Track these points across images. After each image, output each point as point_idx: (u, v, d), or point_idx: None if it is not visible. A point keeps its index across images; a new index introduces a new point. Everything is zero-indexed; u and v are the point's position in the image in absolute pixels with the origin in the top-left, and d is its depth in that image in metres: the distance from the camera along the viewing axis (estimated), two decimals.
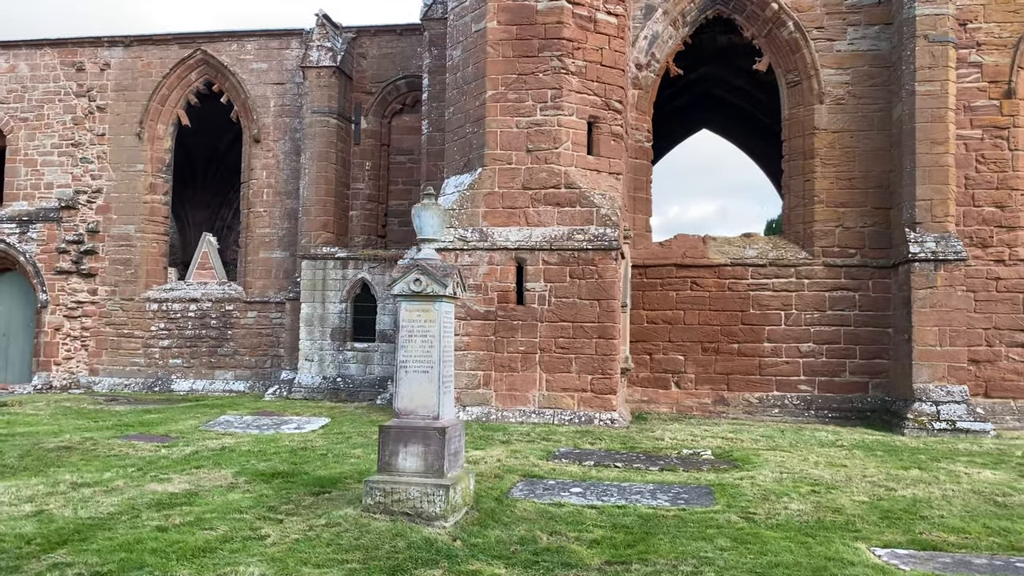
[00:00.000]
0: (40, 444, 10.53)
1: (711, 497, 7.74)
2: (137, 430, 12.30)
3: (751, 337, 15.73)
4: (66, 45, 21.53)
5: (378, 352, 17.79)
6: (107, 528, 6.11)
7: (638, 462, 9.81)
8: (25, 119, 21.51)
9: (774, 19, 16.06)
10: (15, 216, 21.09)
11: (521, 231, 14.02)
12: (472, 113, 14.74)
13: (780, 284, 15.70)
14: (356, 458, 9.49)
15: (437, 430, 6.53)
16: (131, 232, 20.91)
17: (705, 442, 11.55)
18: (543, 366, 13.67)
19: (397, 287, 6.72)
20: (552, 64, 14.20)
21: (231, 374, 20.21)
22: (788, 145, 16.36)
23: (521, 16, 14.37)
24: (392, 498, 6.42)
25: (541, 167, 14.11)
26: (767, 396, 15.55)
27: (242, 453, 9.92)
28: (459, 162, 15.04)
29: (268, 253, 20.29)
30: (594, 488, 8.16)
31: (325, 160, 19.17)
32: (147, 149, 21.04)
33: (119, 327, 20.77)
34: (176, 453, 9.95)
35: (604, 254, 13.67)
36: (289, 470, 8.60)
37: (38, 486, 7.47)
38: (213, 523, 6.26)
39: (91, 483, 7.68)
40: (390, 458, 6.56)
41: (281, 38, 20.57)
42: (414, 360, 6.66)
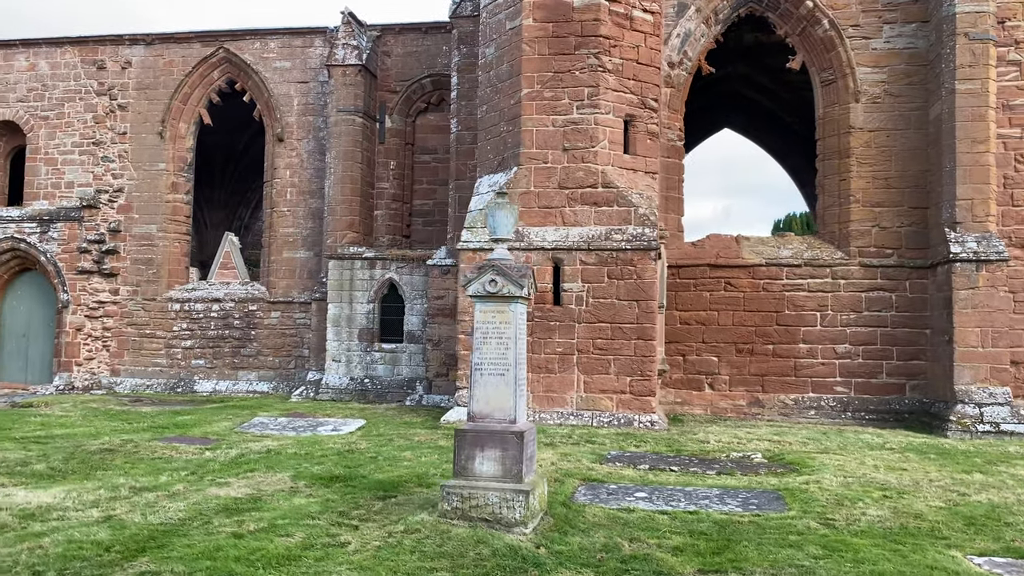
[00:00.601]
0: (82, 446, 10.38)
1: (782, 502, 7.58)
2: (173, 432, 12.15)
3: (786, 338, 15.56)
4: (87, 43, 21.38)
5: (406, 353, 17.64)
6: (181, 535, 5.95)
7: (693, 465, 9.65)
8: (46, 118, 21.36)
9: (808, 17, 15.89)
10: (36, 215, 20.95)
11: (558, 231, 13.87)
12: (507, 112, 14.58)
13: (816, 284, 15.53)
14: (408, 462, 9.34)
15: (515, 434, 6.37)
16: (153, 232, 20.75)
17: (752, 445, 11.39)
18: (581, 367, 13.51)
19: (472, 288, 6.56)
20: (589, 62, 14.05)
21: (254, 375, 20.06)
22: (822, 144, 16.18)
23: (557, 13, 14.21)
24: (470, 504, 6.26)
25: (578, 166, 13.96)
26: (803, 398, 15.39)
27: (289, 456, 9.77)
28: (492, 161, 14.89)
29: (292, 253, 20.13)
30: (659, 493, 8.00)
31: (351, 159, 19.01)
32: (169, 148, 20.89)
33: (141, 327, 20.62)
34: (222, 456, 9.80)
35: (643, 254, 13.51)
36: (345, 474, 8.44)
37: (98, 490, 7.31)
38: (288, 529, 6.11)
39: (150, 487, 7.52)
40: (466, 462, 6.40)
41: (304, 36, 20.42)
42: (489, 363, 6.50)
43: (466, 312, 13.99)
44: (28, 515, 6.32)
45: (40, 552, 5.36)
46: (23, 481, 7.92)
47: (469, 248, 14.09)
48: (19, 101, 21.54)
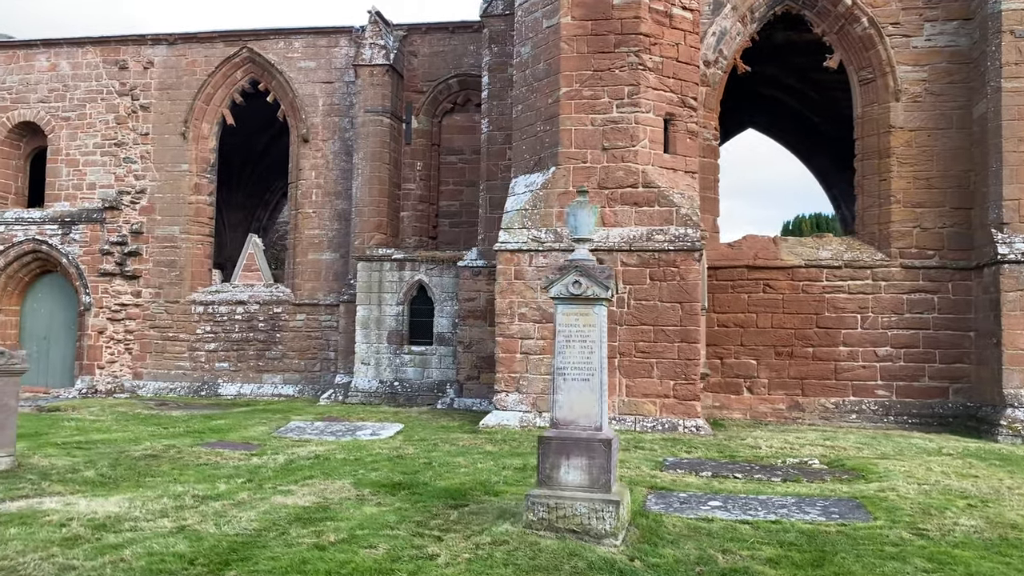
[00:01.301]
0: (125, 452, 10.16)
1: (863, 511, 7.33)
2: (212, 437, 11.92)
3: (826, 341, 15.31)
4: (109, 43, 21.20)
5: (436, 355, 17.41)
6: (261, 546, 5.72)
7: (755, 472, 9.41)
8: (67, 118, 21.17)
9: (847, 15, 15.66)
10: (57, 217, 20.75)
11: (598, 231, 13.61)
12: (544, 111, 14.35)
13: (856, 286, 15.29)
14: (464, 468, 9.10)
15: (602, 442, 6.14)
16: (176, 233, 20.55)
17: (805, 450, 11.15)
18: (623, 371, 13.27)
19: (554, 289, 6.33)
20: (629, 60, 13.82)
21: (279, 378, 19.83)
22: (861, 144, 15.94)
23: (596, 11, 14.00)
24: (557, 514, 6.02)
25: (618, 166, 13.73)
26: (843, 401, 15.14)
27: (340, 462, 9.53)
28: (529, 161, 14.66)
29: (317, 255, 19.91)
30: (733, 501, 7.76)
31: (378, 160, 18.80)
32: (192, 149, 20.69)
33: (164, 330, 20.41)
34: (270, 462, 9.56)
35: (686, 255, 13.28)
36: (406, 481, 8.20)
37: (161, 499, 7.07)
38: (371, 540, 5.87)
39: (213, 496, 7.28)
40: (551, 471, 6.17)
41: (330, 36, 20.22)
42: (572, 367, 6.26)
43: (504, 314, 13.78)
44: (99, 526, 6.09)
45: (124, 566, 5.13)
46: (78, 489, 7.69)
47: (507, 249, 13.87)
48: (40, 102, 21.35)
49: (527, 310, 13.66)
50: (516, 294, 13.74)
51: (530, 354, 13.59)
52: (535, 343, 13.57)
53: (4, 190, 21.62)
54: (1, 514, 6.50)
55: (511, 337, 13.70)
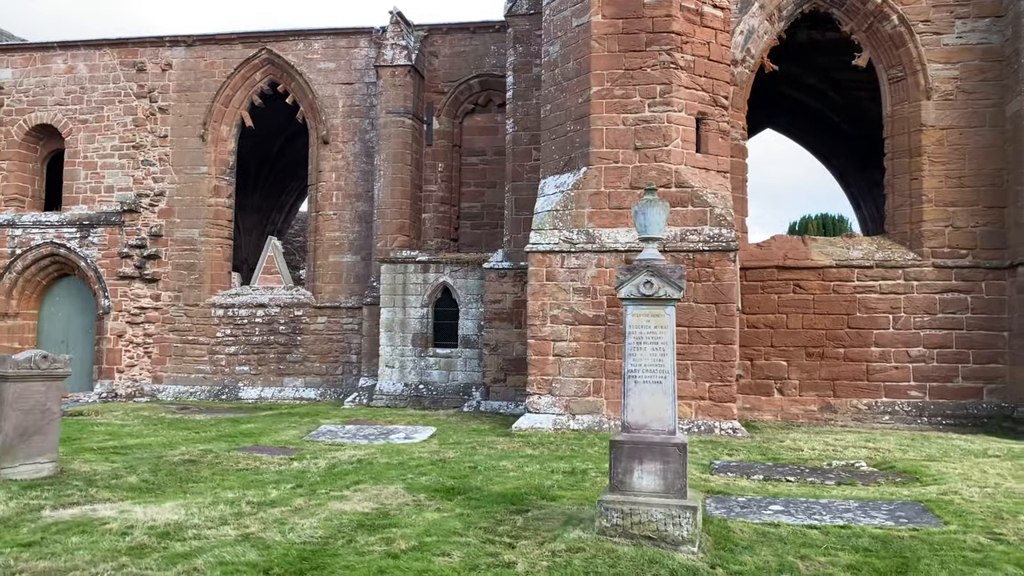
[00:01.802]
0: (162, 457, 10.02)
1: (932, 515, 7.18)
2: (245, 441, 11.77)
3: (858, 341, 15.16)
4: (126, 45, 21.08)
5: (461, 358, 17.26)
6: (332, 554, 5.57)
7: (807, 475, 9.25)
8: (84, 121, 21.04)
9: (876, 13, 15.52)
10: (75, 220, 20.62)
11: (630, 232, 13.48)
12: (574, 110, 14.21)
13: (888, 286, 15.13)
14: (512, 472, 8.95)
15: (676, 446, 5.99)
16: (195, 236, 20.41)
17: (849, 452, 10.99)
18: None
19: (625, 290, 6.18)
20: (661, 59, 13.68)
21: (300, 381, 19.69)
22: (891, 143, 15.78)
23: (627, 9, 13.86)
24: (631, 520, 5.87)
25: (650, 165, 13.58)
26: (876, 402, 14.98)
27: (384, 466, 9.38)
28: (558, 161, 14.52)
29: (338, 257, 19.77)
30: (795, 505, 7.61)
31: (400, 162, 18.66)
32: (211, 151, 20.56)
33: (183, 333, 20.27)
34: (312, 466, 9.41)
35: (721, 255, 13.14)
36: (456, 485, 8.06)
37: (216, 505, 6.92)
38: (442, 548, 5.72)
39: (268, 502, 7.13)
40: (623, 476, 6.02)
41: (349, 36, 20.09)
42: (644, 370, 6.12)
43: (535, 316, 13.63)
44: (163, 534, 5.94)
45: None
46: (126, 495, 7.54)
47: (538, 251, 13.72)
48: (57, 104, 21.24)
49: (559, 312, 13.51)
50: (548, 296, 13.59)
51: (563, 356, 13.44)
52: (567, 345, 13.42)
53: (21, 193, 21.50)
54: (57, 522, 6.36)
55: (543, 339, 13.55)
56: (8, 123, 21.38)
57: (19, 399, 7.94)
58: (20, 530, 6.08)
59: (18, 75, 21.49)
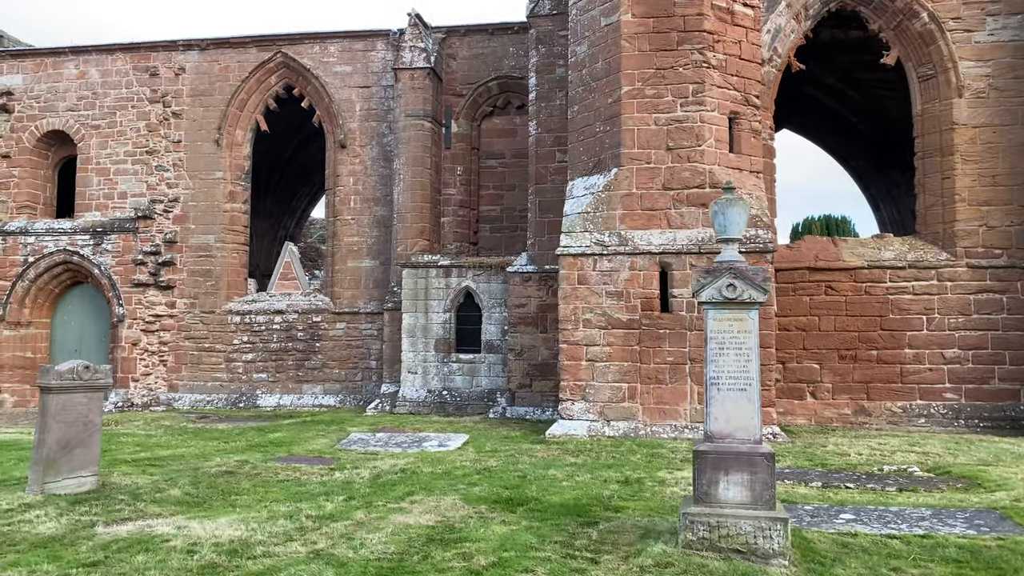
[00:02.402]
0: (199, 469, 9.76)
1: (1011, 523, 6.95)
2: (277, 451, 11.52)
3: (891, 343, 14.94)
4: (139, 50, 20.84)
5: (485, 363, 17.02)
6: (411, 571, 5.32)
7: (867, 481, 9.03)
8: (97, 126, 20.79)
9: (905, 10, 15.34)
10: (89, 227, 20.36)
11: (663, 234, 13.26)
12: (603, 111, 14.00)
13: (921, 287, 14.92)
14: (564, 481, 8.70)
15: (764, 456, 5.75)
16: (211, 242, 20.15)
17: (897, 457, 10.76)
18: (694, 378, 12.88)
19: (706, 293, 5.95)
20: (693, 58, 13.48)
21: (319, 388, 19.43)
22: (922, 142, 15.58)
23: (658, 8, 13.66)
24: (719, 533, 5.63)
25: (683, 166, 13.37)
26: (911, 405, 14.76)
27: (429, 476, 9.13)
28: (587, 163, 14.29)
29: (356, 262, 19.52)
30: (865, 513, 7.37)
31: (420, 165, 18.43)
32: (226, 156, 20.32)
33: (199, 341, 20.00)
34: (357, 477, 9.16)
35: (759, 257, 12.91)
36: (513, 496, 7.81)
37: (276, 520, 6.66)
38: (523, 564, 5.48)
39: (326, 515, 6.87)
40: (708, 487, 5.78)
41: (366, 39, 19.87)
42: (727, 376, 5.88)
43: (567, 320, 13.39)
44: (231, 551, 5.68)
45: None
46: (176, 509, 7.28)
47: (570, 253, 13.49)
48: (69, 110, 20.98)
49: (592, 316, 13.28)
50: (580, 299, 13.36)
51: (596, 361, 13.20)
52: (601, 350, 13.19)
53: (33, 200, 21.24)
54: (116, 539, 6.10)
55: (576, 344, 13.31)
56: (19, 129, 21.12)
57: (62, 411, 7.69)
58: (79, 548, 5.82)
59: (29, 81, 21.24)
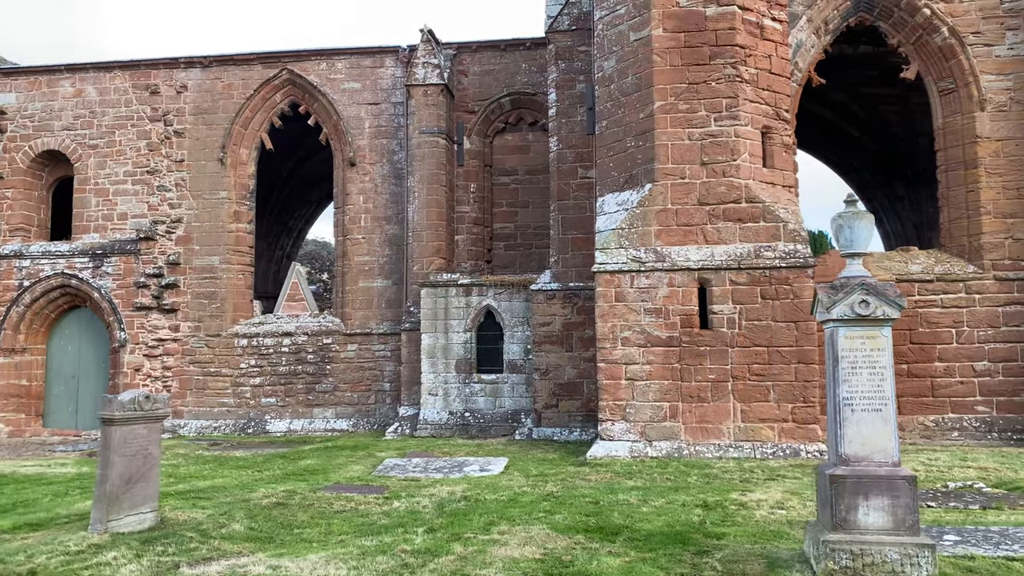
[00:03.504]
0: (248, 501, 9.31)
1: None
2: (315, 479, 11.08)
3: (921, 357, 14.88)
4: (138, 67, 20.35)
5: (507, 384, 16.67)
6: None
7: (946, 500, 8.83)
8: (95, 146, 20.22)
9: (925, 25, 15.42)
10: (88, 249, 19.73)
11: (701, 250, 13.08)
12: (634, 126, 13.83)
13: (949, 300, 14.90)
14: (643, 507, 8.39)
15: (905, 479, 5.51)
16: (215, 264, 19.62)
17: (956, 473, 10.62)
18: (737, 395, 12.66)
19: (837, 310, 5.71)
20: (726, 72, 13.37)
21: (331, 412, 18.92)
22: (944, 155, 15.63)
23: (689, 23, 13.55)
24: (863, 561, 5.37)
25: (719, 181, 13.22)
26: (943, 419, 14.68)
27: (495, 503, 8.77)
28: (617, 178, 14.09)
29: (368, 282, 19.10)
30: (968, 534, 7.15)
31: (436, 183, 18.13)
32: (230, 175, 19.85)
33: (205, 365, 19.40)
34: (419, 506, 8.77)
35: (799, 272, 12.78)
36: (603, 524, 7.48)
37: (374, 557, 6.24)
38: None
39: (423, 551, 6.47)
40: (847, 513, 5.52)
41: (374, 56, 19.57)
42: (862, 397, 5.64)
43: (605, 339, 13.12)
44: None
45: None
46: (251, 547, 6.85)
47: (606, 271, 13.24)
48: (65, 129, 20.39)
49: (630, 334, 13.02)
50: (618, 317, 13.10)
51: (636, 380, 12.93)
52: (640, 368, 12.92)
53: (27, 222, 20.56)
54: None
55: (614, 363, 13.04)
56: (12, 149, 20.47)
57: (124, 444, 7.23)
58: None
59: (22, 99, 20.63)
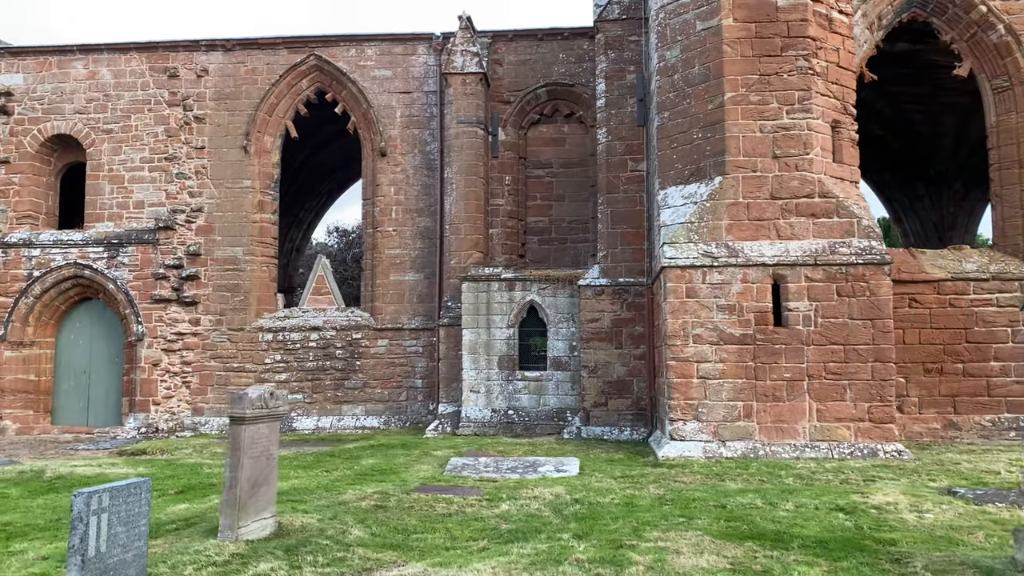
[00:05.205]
0: (344, 504, 8.78)
1: None
2: (393, 479, 10.55)
3: (976, 356, 14.75)
4: (156, 49, 19.51)
5: (552, 381, 16.24)
6: None
7: None
8: (109, 131, 19.34)
9: (980, 22, 15.31)
10: (102, 238, 18.87)
11: (774, 245, 12.77)
12: (702, 117, 13.47)
13: (1005, 299, 14.80)
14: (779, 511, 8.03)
15: None
16: (239, 255, 18.88)
17: None
18: (812, 394, 12.38)
19: None
20: (798, 64, 13.09)
21: (360, 409, 18.32)
22: (997, 153, 15.54)
23: (760, 13, 13.24)
24: None
25: (792, 175, 12.93)
26: (999, 419, 14.57)
27: (611, 507, 8.36)
28: (682, 171, 13.74)
29: (399, 276, 18.52)
30: None
31: (474, 174, 17.62)
32: (254, 163, 19.12)
33: (227, 361, 18.66)
34: (533, 509, 8.31)
35: (876, 269, 12.54)
36: (758, 530, 7.09)
37: (545, 566, 5.78)
38: None
39: (597, 560, 6.01)
40: None
41: (406, 43, 18.98)
42: None
43: (676, 336, 12.75)
44: None
45: None
46: (396, 555, 6.34)
47: (677, 265, 12.86)
48: (77, 112, 19.48)
49: (702, 331, 12.67)
50: (689, 314, 12.74)
51: (708, 379, 12.58)
52: (713, 367, 12.58)
53: (34, 209, 19.61)
54: None
55: (686, 361, 12.67)
56: (20, 133, 19.50)
57: (251, 445, 6.66)
58: None
59: (31, 81, 19.66)
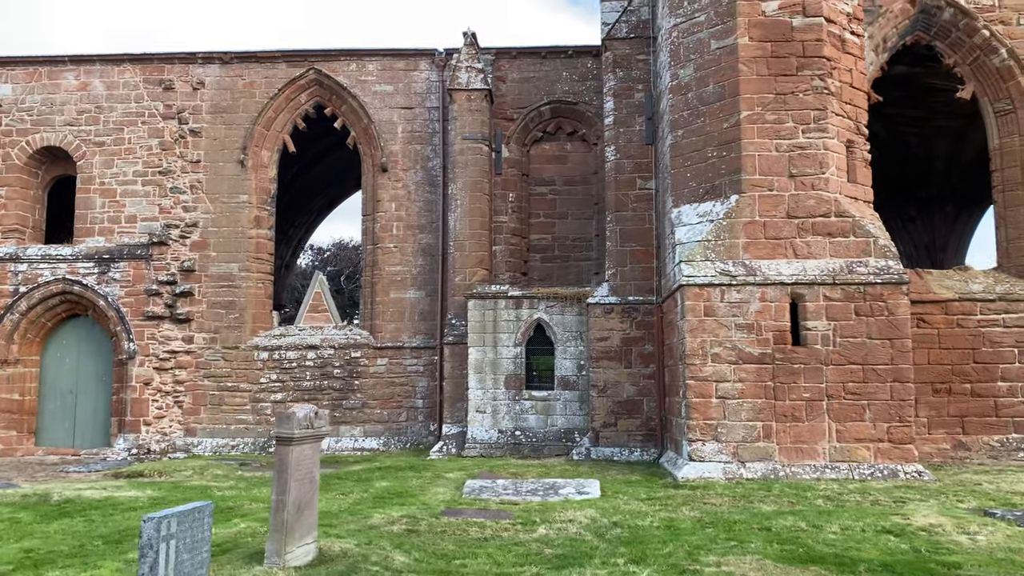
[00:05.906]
0: (374, 528, 8.47)
1: None
2: (414, 503, 10.24)
3: (984, 376, 14.79)
4: (151, 61, 19.14)
5: (560, 401, 16.00)
6: None
7: None
8: (101, 143, 18.89)
9: (983, 46, 15.50)
10: (93, 253, 18.35)
11: (791, 264, 12.71)
12: (717, 136, 13.43)
13: (1012, 320, 14.87)
14: (830, 534, 7.86)
15: None
16: (234, 271, 18.46)
17: None
18: (832, 414, 12.27)
19: None
20: (814, 83, 13.11)
21: (359, 430, 17.91)
22: (1001, 175, 15.70)
23: (776, 32, 13.26)
24: None
25: (808, 193, 12.90)
26: (1008, 439, 14.59)
27: (653, 530, 8.14)
28: (696, 189, 13.67)
29: (400, 293, 18.22)
30: None
31: (479, 191, 17.43)
32: (251, 178, 18.77)
33: (221, 379, 18.18)
34: (570, 533, 8.07)
35: (893, 288, 12.51)
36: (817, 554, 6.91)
37: None
38: None
39: None
40: None
41: (408, 58, 18.80)
42: None
43: (695, 355, 12.59)
44: None
45: None
46: None
47: (694, 284, 12.73)
48: (67, 124, 19.01)
49: (721, 350, 12.54)
50: (708, 332, 12.61)
51: (727, 398, 12.43)
52: (732, 386, 12.44)
53: (21, 223, 19.04)
54: None
55: (704, 380, 12.52)
56: (7, 145, 18.98)
57: (297, 467, 6.35)
58: None
59: (19, 91, 19.17)
